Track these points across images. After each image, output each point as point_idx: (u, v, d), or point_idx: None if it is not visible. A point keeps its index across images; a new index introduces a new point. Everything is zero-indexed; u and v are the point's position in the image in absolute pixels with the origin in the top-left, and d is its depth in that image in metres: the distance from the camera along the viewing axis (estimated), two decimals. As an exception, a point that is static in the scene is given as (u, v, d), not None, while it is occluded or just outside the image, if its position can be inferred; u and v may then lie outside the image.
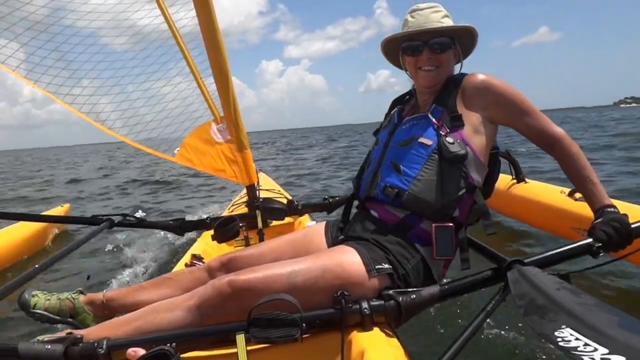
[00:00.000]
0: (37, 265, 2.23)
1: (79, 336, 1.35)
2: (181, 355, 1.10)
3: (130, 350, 1.16)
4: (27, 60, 2.98)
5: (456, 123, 1.69)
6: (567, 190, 3.05)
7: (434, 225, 1.63)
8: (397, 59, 1.92)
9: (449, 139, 1.64)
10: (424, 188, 1.64)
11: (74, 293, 1.83)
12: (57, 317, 1.75)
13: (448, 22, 1.78)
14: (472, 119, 1.70)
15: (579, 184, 1.68)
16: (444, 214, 1.64)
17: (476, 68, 1.79)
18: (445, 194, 1.62)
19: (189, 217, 3.33)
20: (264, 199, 3.26)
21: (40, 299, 1.77)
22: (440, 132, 1.67)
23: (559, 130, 1.70)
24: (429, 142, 1.68)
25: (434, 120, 1.71)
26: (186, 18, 3.19)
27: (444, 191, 1.63)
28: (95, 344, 1.31)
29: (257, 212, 3.07)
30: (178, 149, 3.30)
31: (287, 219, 3.32)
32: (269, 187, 4.04)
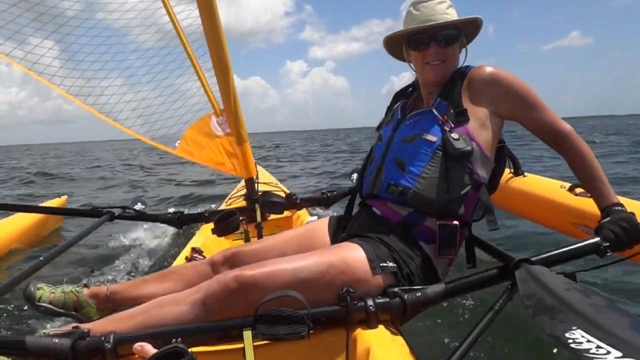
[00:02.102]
0: (41, 258, 2.24)
1: (86, 330, 1.34)
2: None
3: (137, 345, 1.15)
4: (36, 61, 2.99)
5: (461, 118, 1.65)
6: (568, 185, 2.94)
7: (438, 223, 1.61)
8: (399, 52, 1.87)
9: (454, 135, 1.61)
10: (429, 186, 1.61)
11: (78, 286, 1.82)
12: (62, 310, 1.75)
13: (453, 13, 1.74)
14: (478, 113, 1.66)
15: (586, 181, 1.66)
16: (449, 211, 1.62)
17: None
18: (450, 192, 1.60)
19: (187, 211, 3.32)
20: (263, 192, 3.25)
21: (45, 291, 1.76)
22: (445, 127, 1.64)
23: (567, 126, 1.67)
24: (434, 139, 1.64)
25: (438, 115, 1.68)
26: (187, 10, 3.16)
27: (449, 189, 1.60)
28: (102, 338, 1.31)
29: (257, 205, 3.05)
30: (179, 141, 3.29)
31: (286, 213, 3.32)
32: (267, 181, 4.01)
